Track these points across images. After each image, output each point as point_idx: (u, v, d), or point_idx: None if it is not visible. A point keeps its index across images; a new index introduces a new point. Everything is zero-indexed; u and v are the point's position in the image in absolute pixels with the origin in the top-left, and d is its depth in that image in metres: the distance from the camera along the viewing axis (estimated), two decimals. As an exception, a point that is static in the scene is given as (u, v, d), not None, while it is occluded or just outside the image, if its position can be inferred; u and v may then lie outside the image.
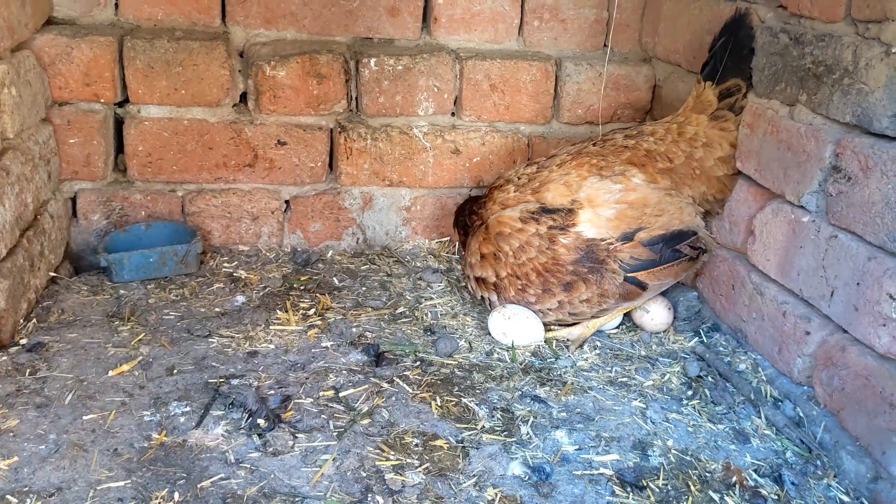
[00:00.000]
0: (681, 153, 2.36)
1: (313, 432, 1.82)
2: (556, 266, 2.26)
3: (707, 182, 2.36)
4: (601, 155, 2.40)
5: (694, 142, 2.35)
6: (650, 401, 2.06)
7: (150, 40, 2.54)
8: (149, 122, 2.61)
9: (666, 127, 2.41)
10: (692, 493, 1.72)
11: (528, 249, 2.28)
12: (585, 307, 2.27)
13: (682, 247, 2.30)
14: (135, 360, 2.05)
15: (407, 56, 2.69)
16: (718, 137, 2.34)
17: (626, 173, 2.34)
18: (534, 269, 2.28)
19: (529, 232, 2.30)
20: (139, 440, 1.76)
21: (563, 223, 2.28)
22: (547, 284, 2.27)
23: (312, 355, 2.14)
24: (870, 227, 1.82)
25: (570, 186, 2.34)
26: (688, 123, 2.38)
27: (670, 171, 2.36)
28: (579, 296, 2.25)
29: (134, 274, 2.48)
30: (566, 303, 2.26)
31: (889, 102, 1.77)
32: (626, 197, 2.31)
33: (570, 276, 2.26)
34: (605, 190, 2.31)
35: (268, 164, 2.70)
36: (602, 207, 2.29)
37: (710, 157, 2.34)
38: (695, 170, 2.35)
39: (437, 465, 1.74)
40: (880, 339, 1.78)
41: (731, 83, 2.30)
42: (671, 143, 2.37)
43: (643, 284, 2.27)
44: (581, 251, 2.26)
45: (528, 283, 2.28)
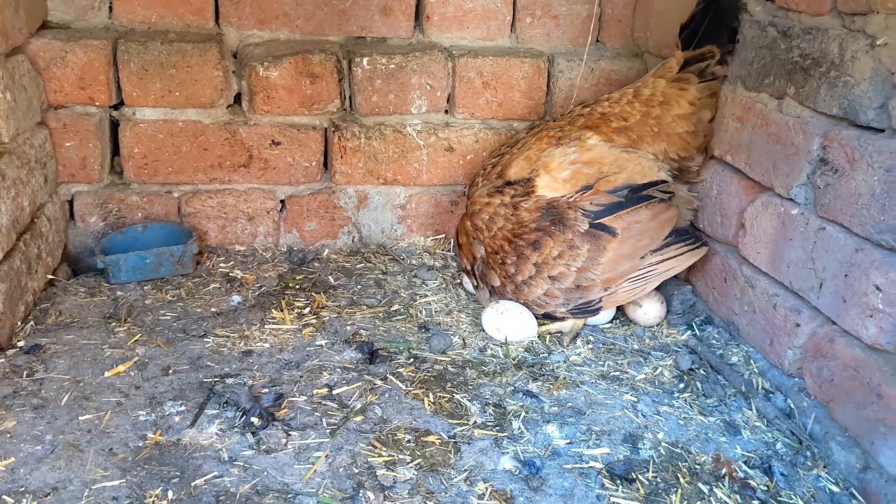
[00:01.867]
0: (636, 112, 2.41)
1: (306, 430, 1.84)
2: (521, 229, 2.29)
3: (667, 139, 2.40)
4: (559, 127, 2.48)
5: (650, 101, 2.41)
6: (641, 394, 2.07)
7: (143, 43, 2.56)
8: (144, 125, 2.63)
9: (622, 92, 2.49)
10: (681, 486, 1.74)
11: (497, 220, 2.33)
12: (563, 266, 2.25)
13: (652, 191, 2.31)
14: (131, 361, 2.08)
15: (399, 55, 2.70)
16: (676, 95, 2.38)
17: (582, 137, 2.40)
18: (504, 238, 2.31)
19: (496, 203, 2.36)
20: (134, 440, 1.78)
21: (525, 191, 2.33)
22: (518, 249, 2.29)
23: (307, 354, 2.16)
24: (857, 219, 1.83)
25: (529, 160, 2.40)
26: (644, 87, 2.45)
27: (626, 130, 2.40)
28: (550, 252, 2.25)
29: (131, 275, 2.50)
30: (542, 264, 2.26)
31: (874, 94, 1.78)
32: (580, 157, 2.35)
33: (535, 233, 2.28)
34: (560, 154, 2.36)
35: (263, 164, 2.72)
36: (557, 170, 2.33)
37: (668, 115, 2.38)
38: (652, 127, 2.40)
39: (429, 461, 1.76)
40: (867, 329, 1.79)
41: (706, 49, 2.35)
42: (626, 105, 2.44)
43: (610, 229, 2.26)
44: (542, 210, 2.29)
45: (504, 254, 2.31)
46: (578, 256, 2.26)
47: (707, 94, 2.39)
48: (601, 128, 2.42)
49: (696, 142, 2.40)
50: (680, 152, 2.41)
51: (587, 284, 2.29)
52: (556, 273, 2.27)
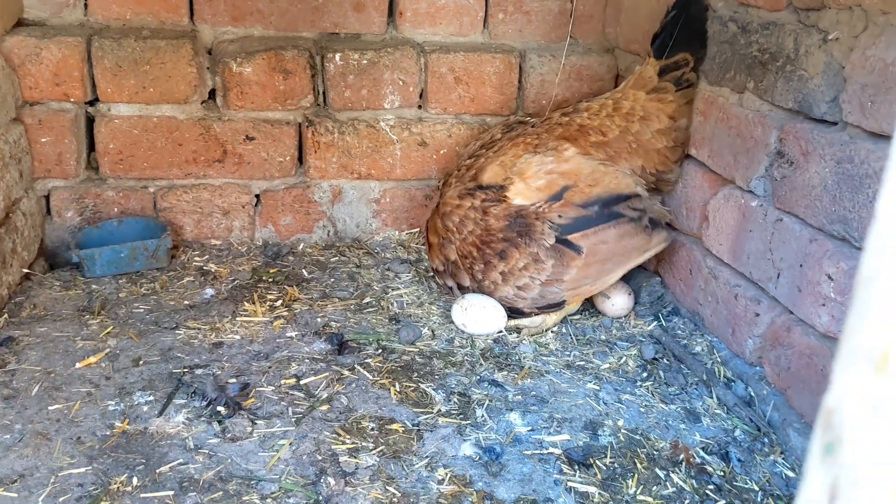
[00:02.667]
0: (615, 127, 2.39)
1: (272, 418, 1.88)
2: (489, 236, 2.30)
3: (645, 156, 2.38)
4: (536, 134, 2.46)
5: (630, 116, 2.39)
6: (605, 383, 2.11)
7: (117, 40, 2.58)
8: (119, 121, 2.66)
9: (601, 103, 2.46)
10: (638, 471, 1.78)
11: (466, 223, 2.34)
12: (528, 278, 2.26)
13: (622, 208, 2.29)
14: (102, 353, 2.11)
15: (371, 50, 2.73)
16: (656, 110, 2.37)
17: (559, 148, 2.38)
18: (472, 243, 2.33)
19: (466, 206, 2.36)
20: (102, 429, 1.82)
21: (497, 197, 2.33)
22: (486, 256, 2.31)
23: (276, 345, 2.20)
24: (810, 211, 1.87)
25: (504, 166, 2.39)
26: (624, 99, 2.42)
27: (604, 145, 2.39)
28: (516, 263, 2.26)
29: (105, 269, 2.53)
30: (508, 274, 2.27)
31: (827, 88, 1.82)
32: (557, 168, 2.33)
33: (502, 243, 2.28)
34: (537, 163, 2.34)
35: (237, 159, 2.75)
36: (532, 179, 2.32)
37: (648, 131, 2.37)
38: (630, 143, 2.38)
39: (392, 448, 1.80)
40: (821, 318, 1.83)
41: (679, 57, 2.33)
42: (605, 118, 2.41)
43: (576, 247, 2.25)
44: (510, 218, 2.29)
45: (472, 259, 2.33)
46: (543, 270, 2.26)
47: (684, 102, 2.38)
48: (579, 140, 2.39)
49: (674, 156, 2.39)
50: (658, 167, 2.39)
51: (552, 297, 2.30)
52: (521, 283, 2.29)
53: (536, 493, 1.69)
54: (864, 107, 1.70)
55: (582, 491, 1.70)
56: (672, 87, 2.35)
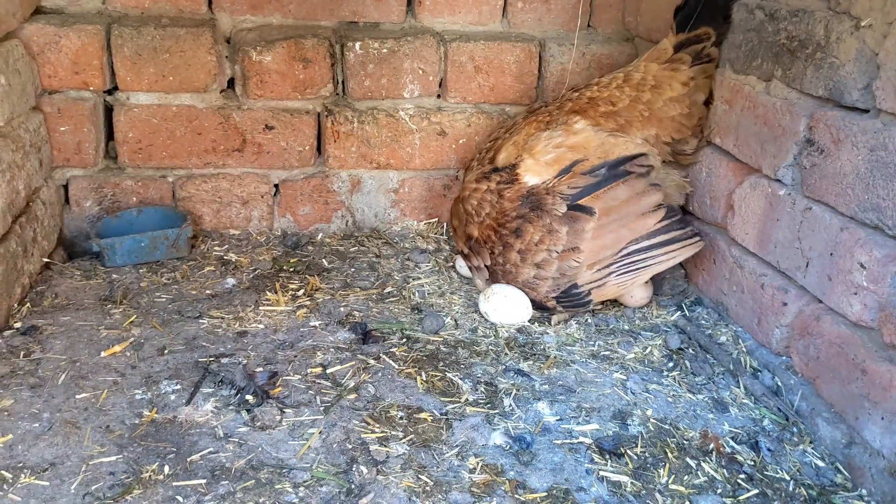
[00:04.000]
0: (625, 97, 2.40)
1: (300, 407, 1.87)
2: (503, 217, 2.30)
3: (659, 124, 2.38)
4: (548, 112, 2.48)
5: (641, 86, 2.39)
6: (631, 373, 2.10)
7: (137, 28, 2.57)
8: (138, 109, 2.65)
9: (612, 76, 2.48)
10: (669, 460, 1.77)
11: (484, 206, 2.35)
12: (545, 252, 2.24)
13: (629, 166, 2.29)
14: (126, 342, 2.10)
15: (392, 39, 2.72)
16: (668, 78, 2.37)
17: (569, 121, 2.39)
18: (489, 227, 2.33)
19: (482, 189, 2.37)
20: (130, 417, 1.81)
21: (510, 178, 2.33)
22: (503, 238, 2.30)
23: (301, 334, 2.19)
24: (842, 199, 1.86)
25: (517, 145, 2.40)
26: (636, 71, 2.44)
27: (614, 114, 2.39)
28: (531, 238, 2.25)
29: (126, 258, 2.52)
30: (525, 251, 2.26)
31: (859, 75, 1.81)
32: (566, 140, 2.33)
33: (516, 221, 2.28)
34: (546, 138, 2.35)
35: (256, 148, 2.74)
36: (541, 154, 2.33)
37: (660, 99, 2.37)
38: (642, 112, 2.38)
39: (421, 437, 1.79)
40: (852, 307, 1.82)
41: (701, 31, 2.34)
42: (615, 89, 2.42)
43: (587, 209, 2.24)
44: (522, 198, 2.29)
45: (492, 243, 2.33)
46: (559, 241, 2.25)
47: (702, 75, 2.38)
48: (588, 112, 2.41)
49: (690, 123, 2.39)
50: (674, 135, 2.40)
51: (571, 273, 2.27)
52: (539, 259, 2.27)
53: (568, 481, 1.69)
54: (899, 94, 1.69)
55: (614, 480, 1.70)
56: (689, 58, 2.36)
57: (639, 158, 2.31)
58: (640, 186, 2.29)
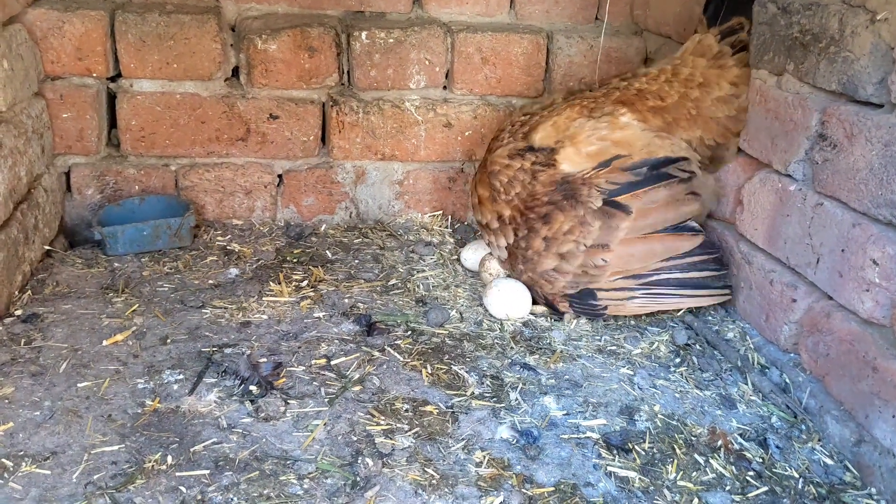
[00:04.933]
0: (674, 93, 2.31)
1: (305, 398, 1.85)
2: (533, 201, 2.24)
3: (704, 125, 2.29)
4: (593, 98, 2.39)
5: (689, 82, 2.30)
6: (638, 368, 2.08)
7: (141, 14, 2.54)
8: (141, 97, 2.62)
9: (660, 68, 2.39)
10: (677, 456, 1.75)
11: (514, 185, 2.28)
12: (572, 243, 2.18)
13: (671, 169, 2.22)
14: (129, 331, 2.08)
15: (398, 29, 2.69)
16: (716, 77, 2.29)
17: (615, 112, 2.31)
18: (516, 208, 2.27)
19: (515, 167, 2.29)
20: (133, 406, 1.79)
21: (546, 160, 2.26)
22: (529, 221, 2.24)
23: (305, 325, 2.17)
24: (854, 194, 1.84)
25: (557, 127, 2.32)
26: (683, 65, 2.34)
27: (662, 110, 2.31)
28: (560, 226, 2.18)
29: (128, 247, 2.49)
30: (552, 239, 2.19)
31: (874, 69, 1.78)
32: (610, 134, 2.26)
33: (546, 206, 2.22)
34: (590, 127, 2.28)
35: (260, 137, 2.72)
36: (584, 144, 2.26)
37: (707, 98, 2.28)
38: (689, 111, 2.29)
39: (427, 430, 1.77)
40: (864, 304, 1.80)
41: (734, 22, 2.28)
42: (664, 83, 2.33)
43: (624, 206, 2.17)
44: (556, 184, 2.23)
45: (516, 225, 2.26)
46: (589, 234, 2.18)
47: (744, 68, 2.28)
48: (636, 105, 2.32)
49: (736, 127, 2.28)
50: (717, 139, 2.30)
51: (594, 272, 2.21)
52: (565, 250, 2.20)
53: (576, 476, 1.67)
54: (915, 88, 1.67)
55: (622, 476, 1.68)
56: (729, 49, 2.29)
57: (681, 162, 2.23)
58: (680, 192, 2.22)
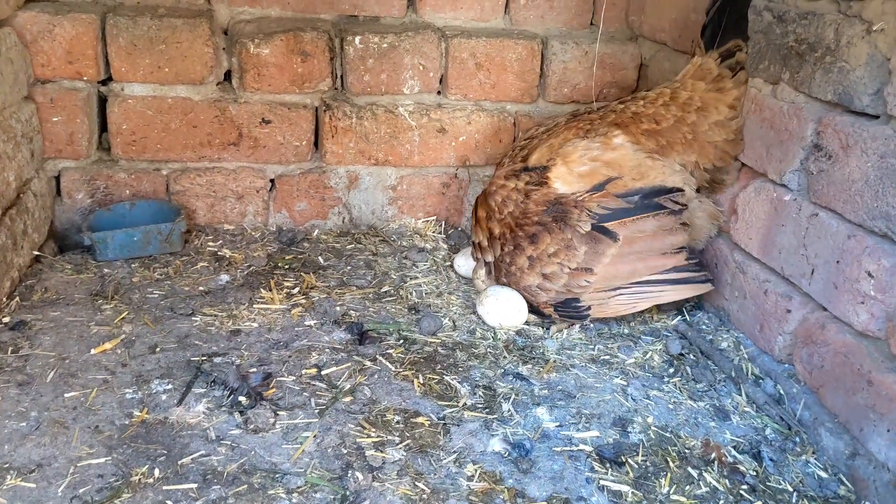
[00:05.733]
0: (670, 116, 2.30)
1: (295, 410, 1.83)
2: (524, 219, 2.25)
3: (700, 150, 2.27)
4: (589, 120, 2.40)
5: (687, 106, 2.29)
6: (631, 378, 2.07)
7: (132, 17, 2.52)
8: (132, 101, 2.60)
9: (659, 91, 2.37)
10: (671, 469, 1.74)
11: (508, 204, 2.30)
12: (556, 265, 2.19)
13: (663, 200, 2.21)
14: (117, 339, 2.05)
15: (392, 34, 2.67)
16: (714, 100, 2.26)
17: (608, 134, 2.32)
18: (507, 224, 2.28)
19: (510, 187, 2.32)
20: (120, 417, 1.77)
21: (539, 179, 2.28)
22: (517, 239, 2.25)
23: (295, 333, 2.15)
24: (850, 206, 1.82)
25: (552, 148, 2.34)
26: (683, 89, 2.32)
27: (656, 133, 2.30)
28: (546, 248, 2.19)
29: (118, 252, 2.47)
30: (536, 259, 2.20)
31: (869, 80, 1.77)
32: (602, 155, 2.27)
33: (535, 226, 2.23)
34: (583, 147, 2.29)
35: (252, 142, 2.69)
36: (575, 164, 2.26)
37: (705, 122, 2.26)
38: (685, 135, 2.28)
39: (418, 442, 1.75)
40: (859, 316, 1.79)
41: (732, 44, 2.26)
42: (661, 107, 2.32)
43: (612, 233, 2.17)
44: (548, 204, 2.23)
45: (504, 240, 2.28)
46: (574, 258, 2.19)
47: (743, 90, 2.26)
48: (630, 127, 2.32)
49: (734, 150, 2.25)
50: (716, 162, 2.28)
51: (577, 291, 2.22)
52: (548, 272, 2.21)
53: (569, 491, 1.65)
54: (911, 100, 1.65)
55: (615, 490, 1.66)
56: (728, 73, 2.26)
57: (675, 194, 2.22)
58: (668, 223, 2.21)
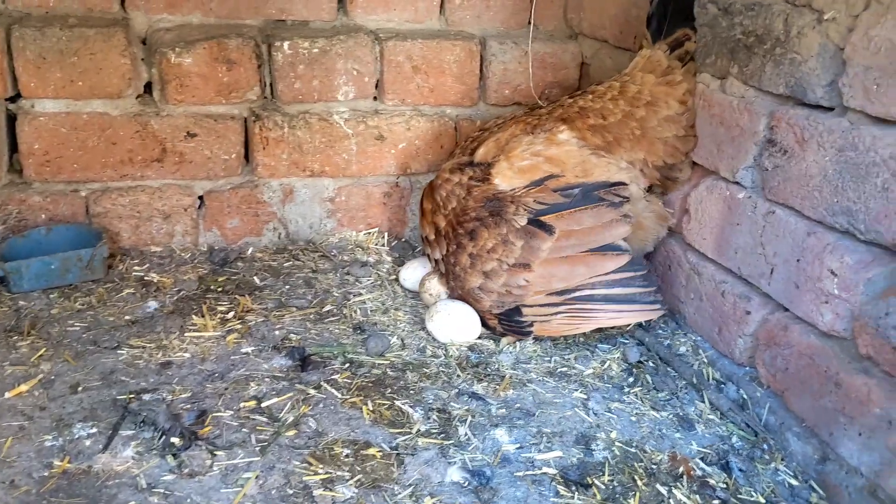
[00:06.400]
0: (618, 111, 2.20)
1: (234, 448, 1.68)
2: (464, 216, 2.17)
3: (649, 146, 2.18)
4: (538, 115, 2.32)
5: (636, 101, 2.19)
6: (591, 391, 1.97)
7: (40, 28, 2.33)
8: (44, 118, 2.41)
9: (608, 84, 2.27)
10: (639, 488, 1.64)
11: (451, 199, 2.22)
12: (495, 262, 2.10)
13: (603, 192, 2.11)
14: (35, 379, 1.88)
15: (323, 38, 2.54)
16: (664, 94, 2.17)
17: (554, 129, 2.24)
18: (450, 222, 2.20)
19: (454, 181, 2.24)
20: (39, 469, 1.60)
21: (482, 175, 2.20)
22: (458, 238, 2.17)
23: (232, 363, 2.00)
24: (808, 202, 1.76)
25: (498, 143, 2.26)
26: (632, 82, 2.22)
27: (602, 129, 2.21)
28: (484, 244, 2.11)
29: (34, 283, 2.28)
30: (476, 256, 2.12)
31: (822, 71, 1.71)
32: (545, 150, 2.18)
33: (473, 222, 2.15)
34: (526, 143, 2.21)
35: (178, 157, 2.53)
36: (516, 159, 2.18)
37: (654, 118, 2.17)
38: (633, 130, 2.19)
39: (370, 476, 1.62)
40: (823, 316, 1.72)
41: (680, 34, 2.16)
42: (609, 101, 2.22)
43: (548, 226, 2.08)
44: (486, 200, 2.16)
45: (448, 239, 2.20)
46: (511, 253, 2.09)
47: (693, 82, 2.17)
48: (576, 122, 2.23)
49: (685, 147, 2.17)
50: (666, 159, 2.19)
51: (518, 292, 2.11)
52: (488, 269, 2.12)
53: (534, 520, 1.55)
54: (868, 91, 1.59)
55: (582, 515, 1.56)
56: (679, 64, 2.17)
57: (617, 187, 2.14)
58: (608, 216, 2.10)
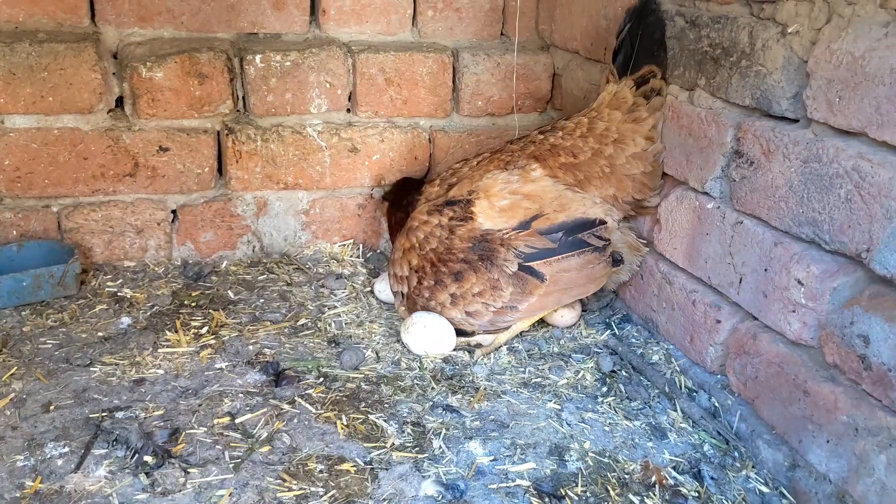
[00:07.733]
0: (588, 149, 2.22)
1: (207, 465, 1.68)
2: (449, 255, 2.16)
3: (618, 183, 2.21)
4: (510, 151, 2.33)
5: (604, 138, 2.21)
6: (565, 401, 1.99)
7: (9, 44, 2.32)
8: (14, 134, 2.39)
9: (577, 120, 2.29)
10: (612, 498, 1.66)
11: (430, 240, 2.20)
12: (480, 304, 2.13)
13: (587, 236, 2.16)
14: (6, 398, 1.86)
15: (295, 51, 2.54)
16: (631, 132, 2.19)
17: (527, 167, 2.25)
18: (429, 260, 2.18)
19: (433, 223, 2.22)
20: (10, 490, 1.58)
21: (463, 214, 2.19)
22: (439, 275, 2.16)
23: (205, 379, 1.99)
24: (774, 212, 1.79)
25: (472, 181, 2.27)
26: (599, 119, 2.24)
27: (573, 167, 2.24)
28: (471, 288, 2.12)
29: (6, 300, 2.26)
30: (459, 297, 2.14)
31: (787, 84, 1.74)
32: (522, 188, 2.20)
33: (460, 264, 2.15)
34: (503, 181, 2.22)
35: (150, 172, 2.52)
36: (496, 198, 2.19)
37: (622, 155, 2.20)
38: (603, 168, 2.22)
39: (344, 492, 1.63)
40: (791, 325, 1.75)
41: (646, 70, 2.17)
42: (578, 138, 2.25)
43: (539, 274, 2.12)
44: (475, 240, 2.15)
45: (423, 274, 2.18)
46: (500, 298, 2.13)
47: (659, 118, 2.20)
48: (548, 161, 2.25)
49: (652, 183, 2.21)
50: (635, 195, 2.22)
51: (502, 325, 2.19)
52: (472, 310, 2.15)
53: (508, 532, 1.55)
54: (831, 103, 1.62)
55: (556, 527, 1.57)
56: (644, 101, 2.18)
57: (598, 228, 2.17)
58: (592, 259, 2.16)
